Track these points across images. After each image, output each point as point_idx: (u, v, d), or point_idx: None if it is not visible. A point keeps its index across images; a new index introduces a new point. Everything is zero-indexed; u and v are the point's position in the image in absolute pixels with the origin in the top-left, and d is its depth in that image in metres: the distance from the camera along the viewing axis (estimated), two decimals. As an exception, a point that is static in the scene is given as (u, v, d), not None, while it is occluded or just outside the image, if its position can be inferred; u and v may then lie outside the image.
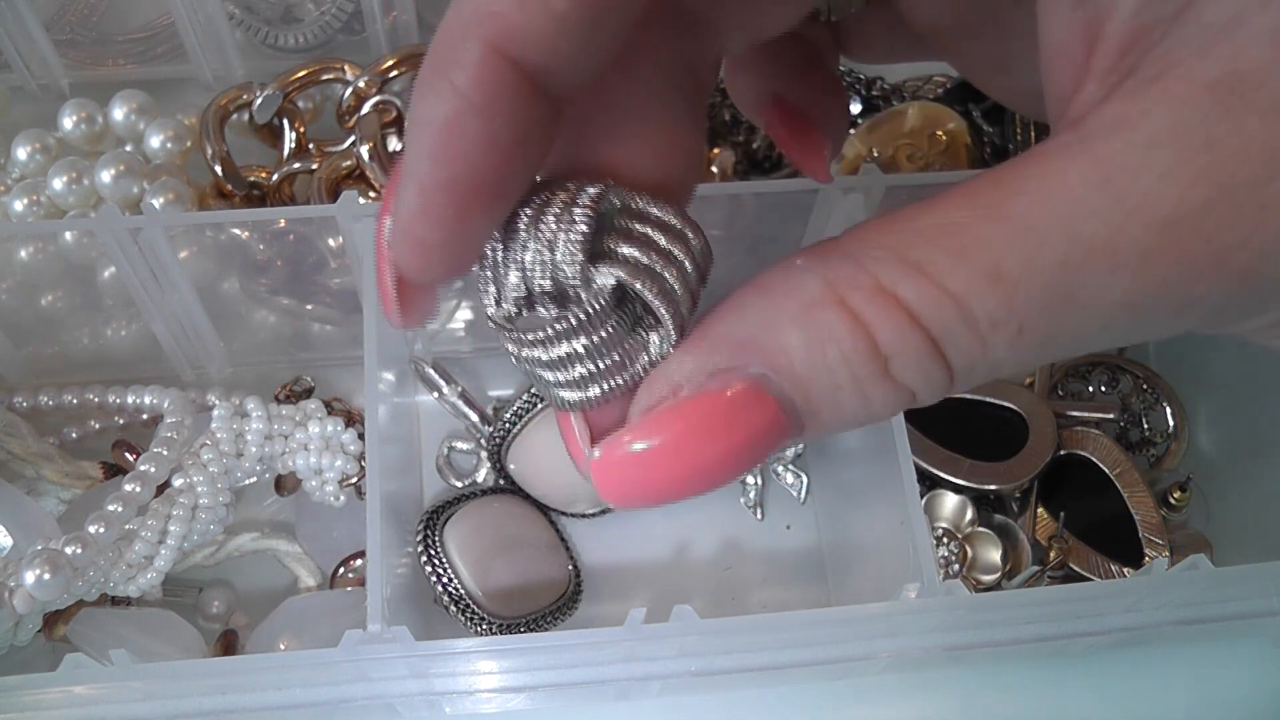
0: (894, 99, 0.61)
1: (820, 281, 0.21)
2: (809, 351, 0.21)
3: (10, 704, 0.36)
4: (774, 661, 0.40)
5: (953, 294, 0.20)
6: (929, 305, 0.20)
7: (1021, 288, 0.20)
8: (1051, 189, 0.20)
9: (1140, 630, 0.42)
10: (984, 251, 0.20)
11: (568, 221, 0.22)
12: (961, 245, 0.20)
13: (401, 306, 0.25)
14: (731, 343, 0.22)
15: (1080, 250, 0.20)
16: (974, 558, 0.50)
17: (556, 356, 0.23)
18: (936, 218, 0.21)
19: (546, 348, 0.23)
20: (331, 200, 0.53)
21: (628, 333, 0.23)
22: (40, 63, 0.60)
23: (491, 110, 0.21)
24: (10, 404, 0.50)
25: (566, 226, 0.22)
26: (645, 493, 0.23)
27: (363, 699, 0.39)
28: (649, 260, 0.23)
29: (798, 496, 0.53)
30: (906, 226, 0.21)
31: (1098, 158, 0.20)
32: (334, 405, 0.51)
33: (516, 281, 0.23)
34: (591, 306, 0.23)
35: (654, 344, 0.23)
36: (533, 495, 0.52)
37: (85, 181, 0.53)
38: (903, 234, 0.21)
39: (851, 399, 0.21)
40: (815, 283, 0.21)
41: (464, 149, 0.21)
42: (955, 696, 0.51)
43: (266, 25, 0.59)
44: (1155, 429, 0.56)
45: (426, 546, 0.48)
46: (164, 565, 0.45)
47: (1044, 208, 0.20)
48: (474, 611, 0.47)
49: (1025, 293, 0.20)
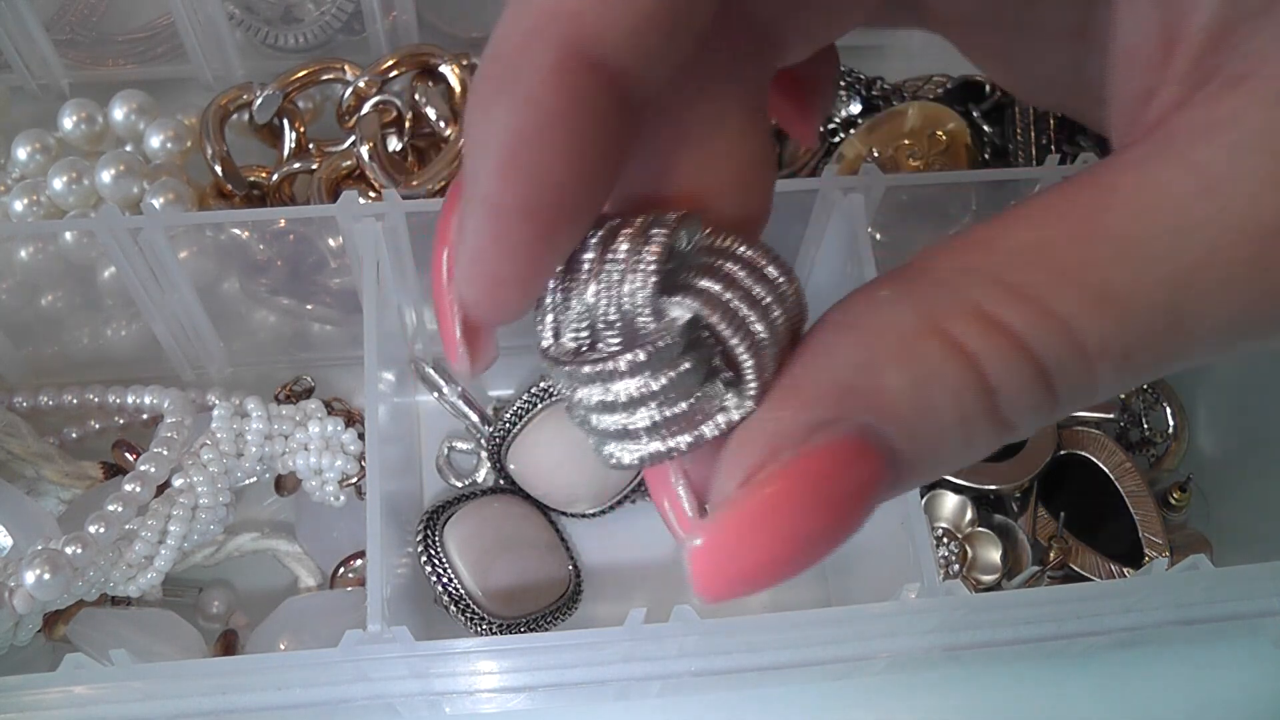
0: (894, 99, 0.61)
1: (915, 312, 0.19)
2: (914, 392, 0.19)
3: (10, 704, 0.36)
4: (774, 661, 0.40)
5: (1062, 319, 0.18)
6: (1038, 332, 0.18)
7: (1131, 309, 0.18)
8: (1150, 200, 0.18)
9: (1140, 630, 0.42)
10: (1089, 272, 0.18)
11: (641, 247, 0.20)
12: (1063, 265, 0.18)
13: (471, 353, 0.22)
14: (830, 391, 0.19)
15: (1187, 265, 0.18)
16: (974, 558, 0.50)
17: (616, 398, 0.20)
18: (1026, 236, 0.19)
19: (605, 385, 0.20)
20: (331, 200, 0.52)
21: (700, 382, 0.20)
22: (40, 63, 0.60)
23: (573, 119, 0.19)
24: (10, 404, 0.50)
25: (639, 251, 0.20)
26: (751, 578, 0.19)
27: (363, 699, 0.39)
28: (732, 297, 0.20)
29: None
30: (995, 246, 0.19)
31: (1193, 165, 0.18)
32: (334, 405, 0.52)
33: (580, 313, 0.20)
34: (661, 340, 0.20)
35: (731, 400, 0.20)
36: (533, 495, 0.52)
37: (85, 181, 0.53)
38: (995, 254, 0.19)
39: (955, 441, 0.19)
40: (910, 313, 0.19)
41: (543, 164, 0.19)
42: (955, 696, 0.51)
43: (266, 25, 0.59)
44: (1155, 429, 0.56)
45: (426, 546, 0.48)
46: (164, 565, 0.45)
47: (1146, 221, 0.18)
48: (474, 611, 0.47)
49: (1135, 314, 0.18)
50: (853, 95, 0.61)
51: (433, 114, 0.56)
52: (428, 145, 0.58)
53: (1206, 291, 0.18)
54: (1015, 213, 0.19)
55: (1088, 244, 0.18)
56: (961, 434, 0.19)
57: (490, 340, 0.23)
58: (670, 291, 0.20)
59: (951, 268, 0.19)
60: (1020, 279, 0.19)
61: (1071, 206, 0.19)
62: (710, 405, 0.20)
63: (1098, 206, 0.19)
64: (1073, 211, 0.19)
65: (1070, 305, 0.18)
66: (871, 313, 0.20)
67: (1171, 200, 0.18)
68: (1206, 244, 0.18)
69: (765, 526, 0.19)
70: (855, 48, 0.64)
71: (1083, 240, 0.19)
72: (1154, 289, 0.18)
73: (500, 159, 0.19)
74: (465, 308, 0.21)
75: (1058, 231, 0.19)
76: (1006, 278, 0.19)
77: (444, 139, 0.56)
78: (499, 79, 0.19)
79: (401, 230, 0.45)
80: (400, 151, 0.57)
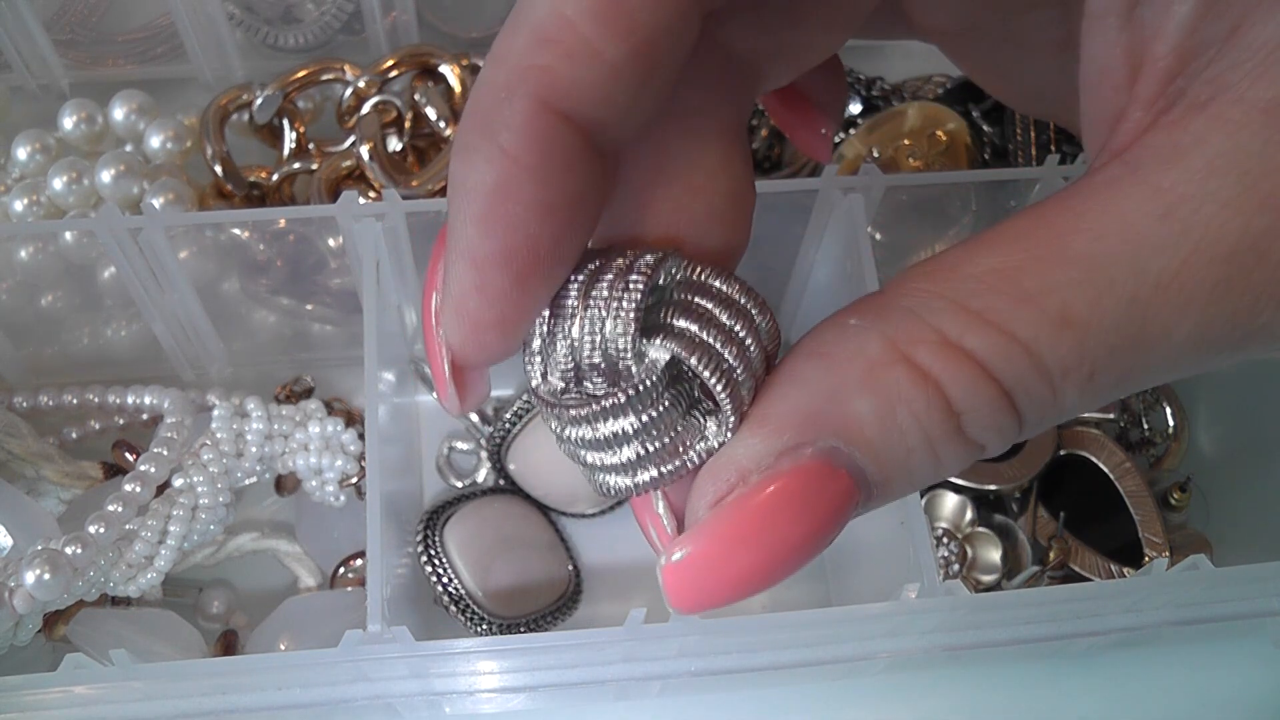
0: (894, 99, 0.61)
1: (881, 340, 0.20)
2: (880, 416, 0.20)
3: (10, 704, 0.36)
4: (774, 661, 0.40)
5: (1023, 342, 0.19)
6: (999, 356, 0.19)
7: (1092, 331, 0.19)
8: (1112, 225, 0.19)
9: (1140, 630, 0.42)
10: (1050, 296, 0.19)
11: (621, 290, 0.21)
12: (1024, 290, 0.19)
13: (459, 392, 0.23)
14: (797, 418, 0.20)
15: (1148, 288, 0.19)
16: (974, 558, 0.50)
17: (603, 436, 0.21)
18: (990, 262, 0.20)
19: (593, 425, 0.21)
20: (331, 200, 0.53)
21: (682, 415, 0.21)
22: (40, 63, 0.60)
23: (545, 171, 0.20)
24: (10, 404, 0.50)
25: (620, 296, 0.21)
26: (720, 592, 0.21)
27: (363, 699, 0.39)
28: (708, 337, 0.21)
29: None
30: (959, 273, 0.20)
31: (1156, 189, 0.19)
32: (334, 405, 0.52)
33: (565, 355, 0.21)
34: (643, 383, 0.21)
35: (710, 430, 0.21)
36: (533, 495, 0.52)
37: (85, 181, 0.53)
38: (958, 281, 0.20)
39: (923, 461, 0.20)
40: (876, 342, 0.20)
41: (517, 216, 0.20)
42: (955, 696, 0.51)
43: (266, 25, 0.59)
44: (1155, 429, 0.56)
45: (427, 547, 0.48)
46: (164, 565, 0.45)
47: (1107, 245, 0.19)
48: (474, 611, 0.47)
49: (1096, 336, 0.19)
50: (853, 95, 0.61)
51: (433, 114, 0.56)
52: (428, 145, 0.58)
53: (1168, 313, 0.19)
54: (983, 238, 0.20)
55: (1051, 267, 0.19)
56: (929, 455, 0.20)
57: (479, 379, 0.24)
58: (650, 332, 0.21)
59: (918, 295, 0.20)
60: (983, 304, 0.19)
61: (1037, 230, 0.20)
62: (691, 435, 0.21)
63: (1063, 230, 0.19)
64: (1038, 235, 0.19)
65: (1031, 328, 0.19)
66: (840, 341, 0.20)
67: (1134, 223, 0.19)
68: (1168, 266, 0.19)
69: (735, 545, 0.20)
70: (855, 48, 0.64)
71: (1046, 264, 0.19)
72: (1115, 311, 0.19)
73: (477, 211, 0.20)
74: (452, 350, 0.22)
75: (1023, 256, 0.19)
76: (970, 304, 0.19)
77: (444, 139, 0.56)
78: (476, 132, 0.20)
79: (401, 230, 0.45)
80: (400, 151, 0.57)
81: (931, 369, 0.19)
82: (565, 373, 0.22)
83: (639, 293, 0.21)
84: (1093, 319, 0.19)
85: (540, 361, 0.22)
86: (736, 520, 0.20)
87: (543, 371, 0.22)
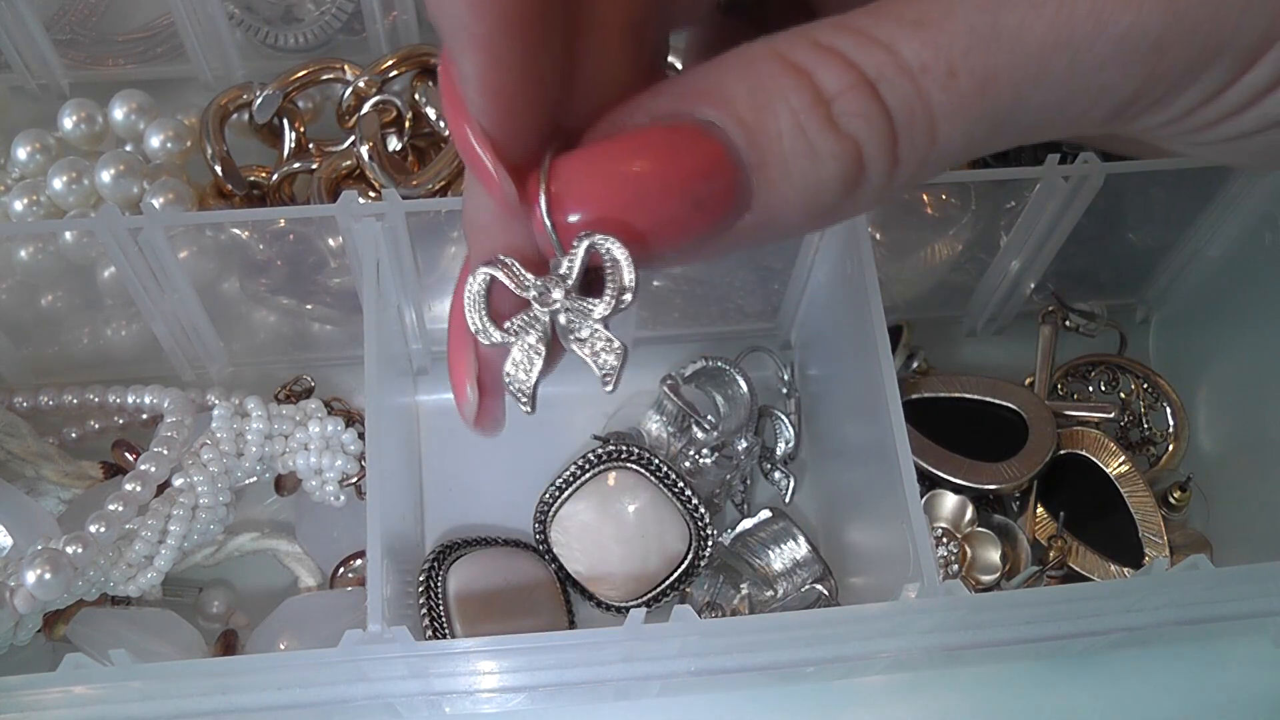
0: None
1: (765, 44, 0.23)
2: (752, 94, 0.22)
3: (10, 704, 0.36)
4: (774, 661, 0.40)
5: (882, 41, 0.22)
6: (862, 52, 0.22)
7: (945, 29, 0.21)
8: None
9: (1140, 630, 0.42)
10: (909, 7, 0.22)
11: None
12: (889, 8, 0.22)
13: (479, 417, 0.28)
14: (681, 92, 0.23)
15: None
16: (974, 558, 0.50)
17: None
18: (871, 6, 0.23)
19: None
20: (331, 200, 0.52)
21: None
22: (40, 63, 0.60)
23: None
24: (10, 404, 0.50)
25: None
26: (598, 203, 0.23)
27: (362, 699, 0.39)
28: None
29: (784, 498, 0.53)
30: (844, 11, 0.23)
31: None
32: (334, 405, 0.52)
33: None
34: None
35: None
36: (566, 565, 0.49)
37: (85, 181, 0.53)
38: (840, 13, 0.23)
39: (797, 148, 0.22)
40: (760, 46, 0.23)
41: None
42: (955, 696, 0.51)
43: (266, 25, 0.59)
44: (1155, 429, 0.56)
45: (428, 593, 0.47)
46: (164, 565, 0.45)
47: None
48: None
49: (949, 35, 0.21)
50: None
51: (433, 114, 0.56)
52: (428, 145, 0.58)
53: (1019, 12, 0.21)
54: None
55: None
56: (801, 140, 0.22)
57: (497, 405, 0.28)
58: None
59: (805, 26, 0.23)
60: (853, 22, 0.22)
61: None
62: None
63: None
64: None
65: (888, 31, 0.22)
66: (734, 51, 0.23)
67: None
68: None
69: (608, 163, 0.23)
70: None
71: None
72: (965, 12, 0.21)
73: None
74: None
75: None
76: (844, 23, 0.23)
77: (444, 139, 0.56)
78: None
79: (401, 230, 0.45)
80: (400, 151, 0.57)
81: (803, 63, 0.22)
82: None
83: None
84: (945, 19, 0.21)
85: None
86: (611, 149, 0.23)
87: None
